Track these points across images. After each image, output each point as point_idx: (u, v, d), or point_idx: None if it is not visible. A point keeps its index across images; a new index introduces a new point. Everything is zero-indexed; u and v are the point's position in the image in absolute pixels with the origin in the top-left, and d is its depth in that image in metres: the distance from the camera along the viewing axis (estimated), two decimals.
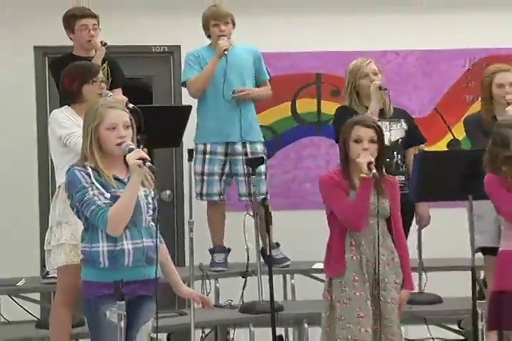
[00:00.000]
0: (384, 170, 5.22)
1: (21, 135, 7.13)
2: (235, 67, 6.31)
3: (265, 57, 6.58)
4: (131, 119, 4.05)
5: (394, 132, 5.76)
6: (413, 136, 5.93)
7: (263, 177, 6.33)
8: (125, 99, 5.15)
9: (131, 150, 3.89)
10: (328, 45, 7.12)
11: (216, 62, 6.20)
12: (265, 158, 6.36)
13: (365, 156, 4.41)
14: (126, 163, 3.94)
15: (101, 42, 5.85)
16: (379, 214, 4.47)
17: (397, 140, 5.80)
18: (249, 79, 6.39)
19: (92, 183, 3.90)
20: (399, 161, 5.80)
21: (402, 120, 5.87)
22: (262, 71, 6.48)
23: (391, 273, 4.53)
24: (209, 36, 6.37)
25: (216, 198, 6.37)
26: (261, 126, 6.86)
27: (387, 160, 5.57)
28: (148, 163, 3.85)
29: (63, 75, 5.11)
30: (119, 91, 5.81)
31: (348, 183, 4.52)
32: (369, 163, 4.37)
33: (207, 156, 6.31)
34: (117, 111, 4.01)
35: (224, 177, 6.36)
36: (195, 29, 6.40)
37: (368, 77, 5.73)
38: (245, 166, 6.19)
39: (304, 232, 5.82)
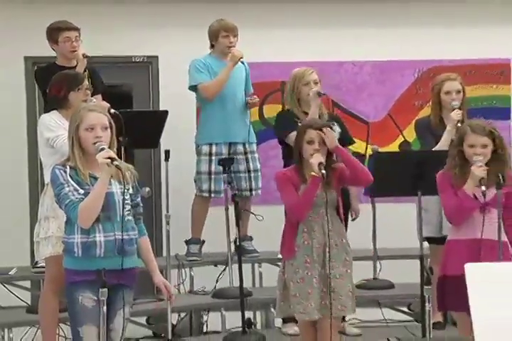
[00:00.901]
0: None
1: (12, 136, 7.11)
2: (235, 77, 6.33)
3: None
4: (110, 122, 4.06)
5: None
6: (345, 137, 5.91)
7: (259, 173, 6.39)
8: (107, 105, 5.16)
9: (102, 149, 3.90)
10: (292, 56, 7.13)
11: (231, 70, 6.21)
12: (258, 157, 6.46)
13: (316, 157, 4.43)
14: None
15: (82, 54, 5.82)
16: (327, 203, 4.49)
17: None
18: (246, 90, 6.44)
19: (68, 181, 3.93)
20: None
21: (335, 123, 5.83)
22: (249, 83, 6.53)
23: (340, 253, 4.54)
24: (212, 46, 6.37)
25: (221, 195, 6.31)
26: None
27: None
28: (116, 162, 3.87)
29: (52, 83, 5.08)
30: (99, 97, 5.81)
31: (300, 179, 4.52)
32: (320, 164, 4.38)
33: (213, 157, 6.28)
34: (96, 114, 4.04)
35: (227, 176, 6.34)
36: (171, 41, 6.45)
37: (309, 85, 5.73)
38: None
39: (269, 225, 5.83)
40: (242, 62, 6.33)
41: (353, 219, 6.05)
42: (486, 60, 7.54)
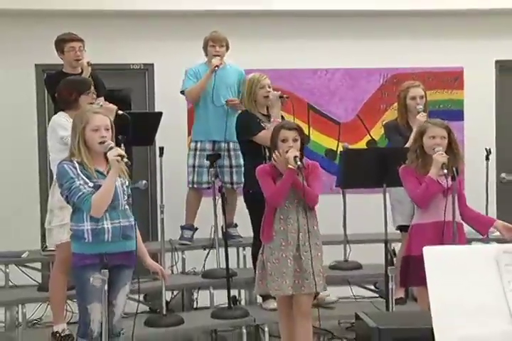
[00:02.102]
0: None
1: (25, 134, 7.10)
2: (224, 81, 6.29)
3: None
4: (111, 123, 4.07)
5: None
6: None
7: (241, 169, 6.33)
8: (115, 107, 5.14)
9: (111, 148, 3.91)
10: (271, 65, 7.15)
11: (209, 76, 6.19)
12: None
13: (292, 152, 4.41)
14: (106, 158, 3.97)
15: (87, 62, 5.79)
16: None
17: None
18: (234, 93, 6.36)
19: (78, 175, 3.91)
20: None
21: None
22: (243, 88, 6.48)
23: (312, 238, 4.49)
24: (206, 55, 6.35)
25: (205, 186, 6.31)
26: None
27: None
28: (125, 159, 3.89)
29: (63, 87, 5.05)
30: (101, 99, 5.82)
31: (277, 173, 4.50)
32: (295, 157, 4.37)
33: (197, 152, 6.28)
34: (100, 116, 4.04)
35: (211, 170, 6.25)
36: (165, 51, 6.44)
37: (265, 88, 5.66)
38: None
39: None
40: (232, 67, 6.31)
41: None
42: (442, 68, 7.56)
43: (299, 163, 4.38)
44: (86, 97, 4.97)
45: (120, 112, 5.04)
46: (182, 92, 6.48)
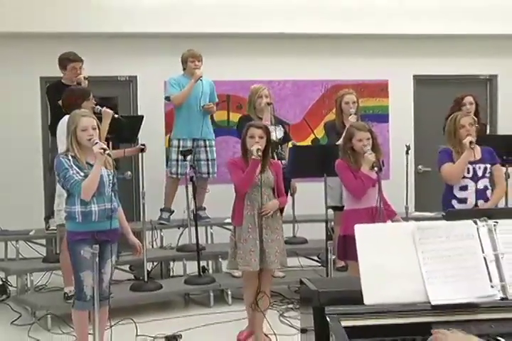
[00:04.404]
0: (276, 158, 5.30)
1: (30, 134, 7.01)
2: (201, 90, 6.25)
3: None
4: (97, 123, 4.07)
5: (278, 133, 5.74)
6: (287, 136, 5.94)
7: (215, 162, 6.35)
8: (111, 111, 5.09)
9: (96, 143, 3.93)
10: (234, 76, 7.15)
11: (193, 85, 6.18)
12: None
13: (256, 145, 4.35)
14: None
15: (84, 77, 5.73)
16: (265, 183, 4.41)
17: (281, 138, 5.77)
18: (207, 99, 6.35)
19: (71, 166, 3.93)
20: (281, 151, 5.77)
21: (280, 125, 5.87)
22: (213, 96, 6.48)
23: (273, 222, 4.48)
24: (184, 69, 6.32)
25: (182, 176, 6.30)
26: None
27: (276, 150, 5.59)
28: (107, 151, 3.92)
29: (69, 94, 5.01)
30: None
31: (245, 164, 4.41)
32: (258, 150, 4.32)
33: (180, 149, 6.23)
34: (87, 118, 4.04)
35: (190, 163, 6.22)
36: (147, 65, 6.39)
37: (262, 98, 5.70)
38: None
39: (219, 198, 5.84)
40: (201, 80, 6.24)
41: (291, 194, 6.01)
42: (372, 81, 7.60)
43: (259, 153, 4.32)
44: (87, 103, 4.95)
45: (116, 116, 5.01)
46: (166, 98, 6.46)
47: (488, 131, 6.01)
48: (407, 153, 5.93)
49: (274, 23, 7.12)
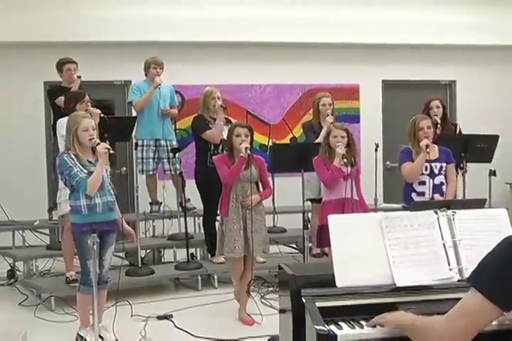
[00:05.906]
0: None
1: (35, 134, 6.97)
2: (162, 95, 6.20)
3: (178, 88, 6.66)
4: (95, 123, 4.08)
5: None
6: None
7: (177, 160, 6.28)
8: (99, 111, 5.06)
9: (98, 143, 3.90)
10: (222, 81, 7.10)
11: (152, 91, 6.11)
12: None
13: (244, 144, 4.35)
14: (92, 150, 3.96)
15: (77, 76, 5.76)
16: (249, 178, 4.41)
17: None
18: (168, 103, 6.28)
19: (75, 164, 3.89)
20: None
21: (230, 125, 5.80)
22: (173, 100, 6.39)
23: (257, 215, 4.47)
24: (146, 74, 6.24)
25: (151, 173, 6.26)
26: (181, 128, 6.80)
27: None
28: (111, 151, 3.89)
29: (65, 100, 5.01)
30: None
31: (232, 161, 4.43)
32: (246, 148, 4.33)
33: (144, 148, 6.17)
34: (87, 119, 4.02)
35: (156, 160, 6.26)
36: (141, 70, 6.33)
37: (215, 99, 5.61)
38: (169, 153, 6.14)
39: None
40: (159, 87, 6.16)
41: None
42: (345, 85, 7.61)
43: (248, 151, 4.33)
44: (81, 105, 4.89)
45: (102, 115, 4.98)
46: (129, 103, 6.42)
47: (460, 130, 5.98)
48: (376, 150, 5.95)
49: (257, 33, 7.09)
